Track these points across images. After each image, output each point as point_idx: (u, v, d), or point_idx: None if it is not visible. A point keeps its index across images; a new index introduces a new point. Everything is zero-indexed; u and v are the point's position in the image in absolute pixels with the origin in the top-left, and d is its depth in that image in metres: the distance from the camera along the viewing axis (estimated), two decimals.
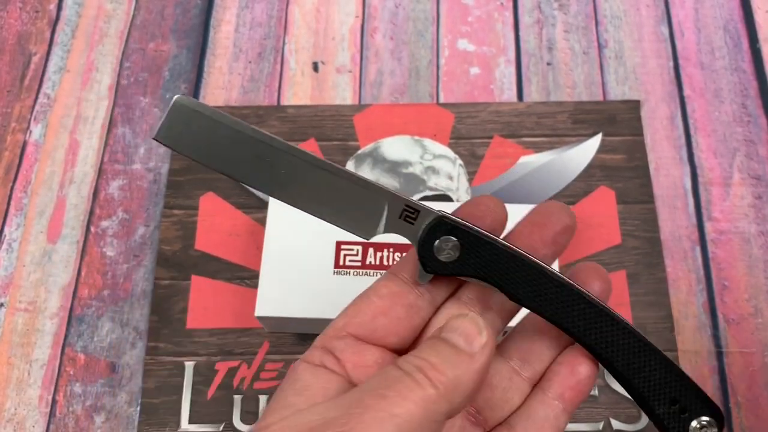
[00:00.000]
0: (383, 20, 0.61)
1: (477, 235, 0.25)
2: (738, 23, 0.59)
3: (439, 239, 0.25)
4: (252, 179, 0.26)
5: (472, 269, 0.25)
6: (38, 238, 0.53)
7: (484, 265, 0.25)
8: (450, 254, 0.25)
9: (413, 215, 0.26)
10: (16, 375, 0.49)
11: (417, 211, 0.26)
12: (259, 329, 0.49)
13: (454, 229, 0.25)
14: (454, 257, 0.25)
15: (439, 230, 0.25)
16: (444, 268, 0.25)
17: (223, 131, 0.25)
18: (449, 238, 0.25)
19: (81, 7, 0.62)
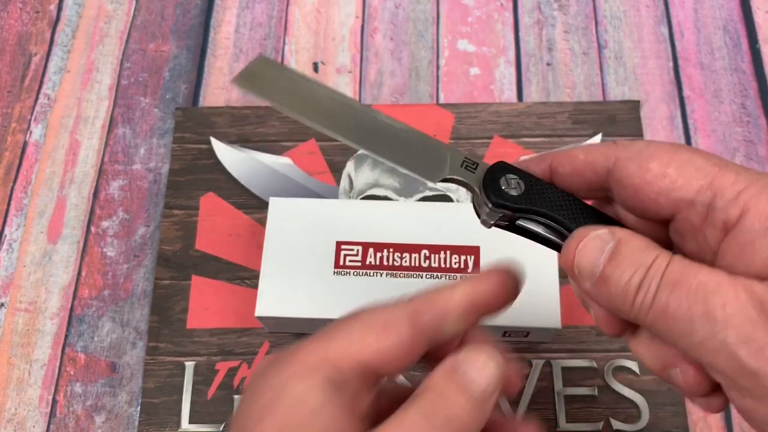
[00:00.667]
0: (383, 21, 0.61)
1: (534, 177, 0.27)
2: (737, 23, 0.59)
3: (504, 177, 0.27)
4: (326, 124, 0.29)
5: (537, 202, 0.26)
6: (38, 239, 0.53)
7: (546, 200, 0.26)
8: (517, 187, 0.26)
9: (473, 166, 0.29)
10: (17, 375, 0.49)
11: (476, 163, 0.29)
12: (259, 329, 0.49)
13: (515, 170, 0.27)
14: (521, 190, 0.26)
15: (503, 170, 0.27)
16: (513, 200, 0.26)
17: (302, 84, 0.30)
18: (512, 176, 0.27)
19: (81, 7, 0.62)
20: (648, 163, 0.22)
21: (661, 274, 0.20)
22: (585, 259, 0.22)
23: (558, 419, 0.46)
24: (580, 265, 0.22)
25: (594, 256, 0.22)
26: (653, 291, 0.20)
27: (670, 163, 0.22)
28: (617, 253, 0.21)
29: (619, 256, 0.21)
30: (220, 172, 0.54)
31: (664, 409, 0.46)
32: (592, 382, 0.47)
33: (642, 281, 0.20)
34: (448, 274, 0.45)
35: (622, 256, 0.21)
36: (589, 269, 0.22)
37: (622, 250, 0.21)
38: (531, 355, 0.48)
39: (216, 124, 0.56)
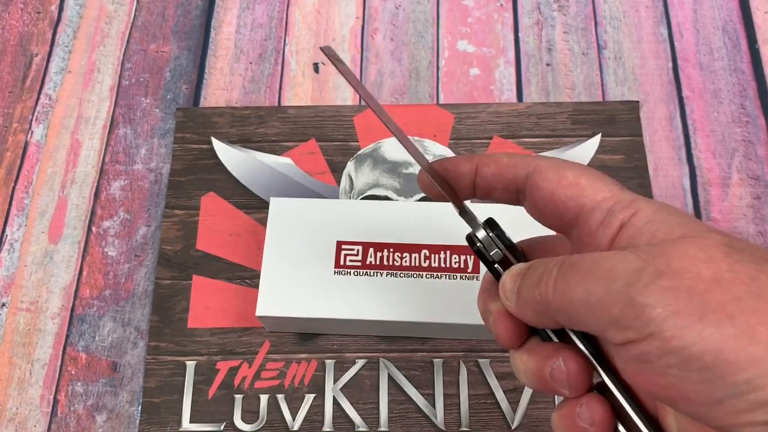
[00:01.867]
0: (383, 21, 0.61)
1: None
2: (737, 24, 0.59)
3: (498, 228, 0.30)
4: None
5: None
6: (40, 239, 0.53)
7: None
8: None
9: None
10: (18, 375, 0.49)
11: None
12: (260, 329, 0.49)
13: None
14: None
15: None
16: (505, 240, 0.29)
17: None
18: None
19: (82, 8, 0.62)
20: (565, 171, 0.27)
21: (560, 265, 0.24)
22: (508, 282, 0.27)
23: None
24: (505, 289, 0.27)
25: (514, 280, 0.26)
26: (554, 276, 0.24)
27: (582, 176, 0.26)
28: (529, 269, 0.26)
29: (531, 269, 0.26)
30: (221, 172, 0.55)
31: None
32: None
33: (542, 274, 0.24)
34: (448, 274, 0.46)
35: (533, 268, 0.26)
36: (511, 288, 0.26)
37: (533, 265, 0.26)
38: None
39: (217, 125, 0.56)
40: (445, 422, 0.47)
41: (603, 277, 0.22)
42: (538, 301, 0.25)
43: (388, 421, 0.47)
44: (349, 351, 0.49)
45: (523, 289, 0.26)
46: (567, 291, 0.23)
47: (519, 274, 0.26)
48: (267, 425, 0.47)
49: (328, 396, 0.47)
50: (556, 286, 0.24)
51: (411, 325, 0.46)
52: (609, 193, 0.25)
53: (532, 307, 0.25)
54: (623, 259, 0.22)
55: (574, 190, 0.26)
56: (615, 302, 0.21)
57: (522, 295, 0.26)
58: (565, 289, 0.23)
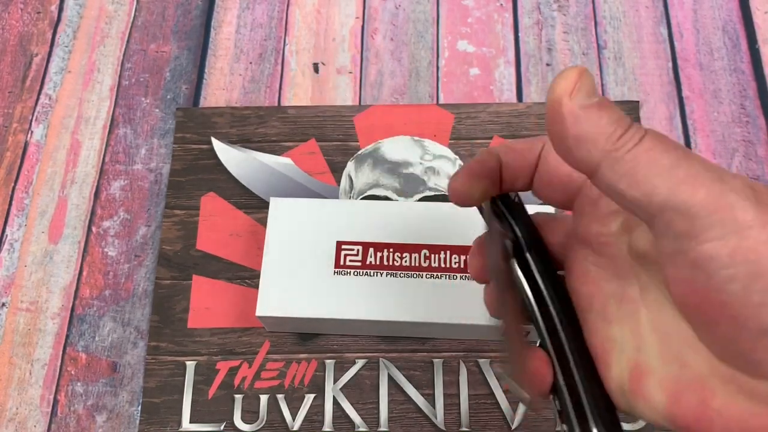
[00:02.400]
0: (383, 21, 0.61)
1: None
2: (737, 24, 0.60)
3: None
4: None
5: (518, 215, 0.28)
6: (40, 239, 0.53)
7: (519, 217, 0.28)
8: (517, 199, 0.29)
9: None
10: (18, 375, 0.49)
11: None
12: (260, 329, 0.49)
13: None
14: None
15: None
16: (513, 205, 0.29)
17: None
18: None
19: (82, 8, 0.62)
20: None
21: (645, 130, 0.21)
22: (591, 82, 0.22)
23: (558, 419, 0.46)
24: (586, 83, 0.22)
25: (594, 86, 0.22)
26: (641, 133, 0.21)
27: None
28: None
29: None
30: (221, 172, 0.55)
31: None
32: None
33: (631, 124, 0.21)
34: (448, 274, 0.46)
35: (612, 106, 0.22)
36: (591, 90, 0.22)
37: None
38: None
39: (217, 125, 0.56)
40: (445, 422, 0.47)
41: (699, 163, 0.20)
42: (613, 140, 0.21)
43: (388, 421, 0.47)
44: (349, 351, 0.49)
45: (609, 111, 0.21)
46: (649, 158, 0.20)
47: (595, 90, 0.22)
48: (267, 425, 0.47)
49: (328, 396, 0.47)
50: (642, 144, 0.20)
51: (411, 325, 0.46)
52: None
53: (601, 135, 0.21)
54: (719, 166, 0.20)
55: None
56: (704, 185, 0.19)
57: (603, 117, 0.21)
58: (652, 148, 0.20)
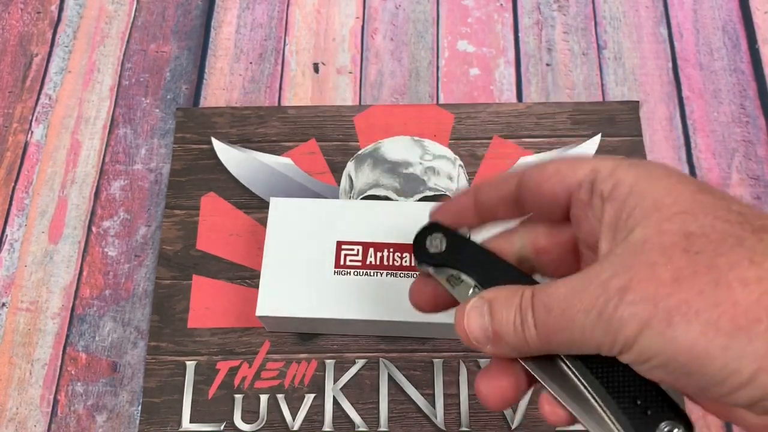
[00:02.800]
0: (383, 21, 0.61)
1: (459, 236, 0.31)
2: (737, 24, 0.60)
3: (430, 235, 0.31)
4: None
5: (453, 260, 0.30)
6: (40, 239, 0.53)
7: (462, 258, 0.30)
8: (438, 246, 0.31)
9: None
10: (18, 375, 0.49)
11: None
12: (260, 329, 0.49)
13: (444, 230, 0.31)
14: (442, 249, 0.31)
15: (431, 229, 0.31)
16: (431, 258, 0.31)
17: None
18: (438, 234, 0.31)
19: (82, 8, 0.62)
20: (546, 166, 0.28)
21: (530, 304, 0.25)
22: (475, 330, 0.26)
23: None
24: (475, 336, 0.26)
25: (479, 323, 0.26)
26: (532, 320, 0.24)
27: (563, 163, 0.27)
28: (493, 311, 0.26)
29: (495, 312, 0.26)
30: (221, 172, 0.55)
31: None
32: None
33: (522, 319, 0.25)
34: None
35: (497, 310, 0.26)
36: (483, 335, 0.26)
37: (495, 305, 0.26)
38: None
39: (217, 125, 0.56)
40: (445, 422, 0.47)
41: (579, 312, 0.23)
42: (527, 348, 0.25)
43: (388, 421, 0.47)
44: (349, 351, 0.49)
45: (504, 336, 0.26)
46: (551, 336, 0.24)
47: (481, 316, 0.26)
48: (267, 425, 0.47)
49: (328, 396, 0.47)
50: (539, 332, 0.24)
51: (411, 325, 0.46)
52: (589, 167, 0.26)
53: (522, 351, 0.26)
54: (589, 286, 0.23)
55: (556, 177, 0.27)
56: (595, 329, 0.22)
57: (507, 343, 0.26)
58: (548, 335, 0.24)
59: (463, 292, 0.30)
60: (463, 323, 0.27)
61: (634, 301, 0.21)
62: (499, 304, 0.26)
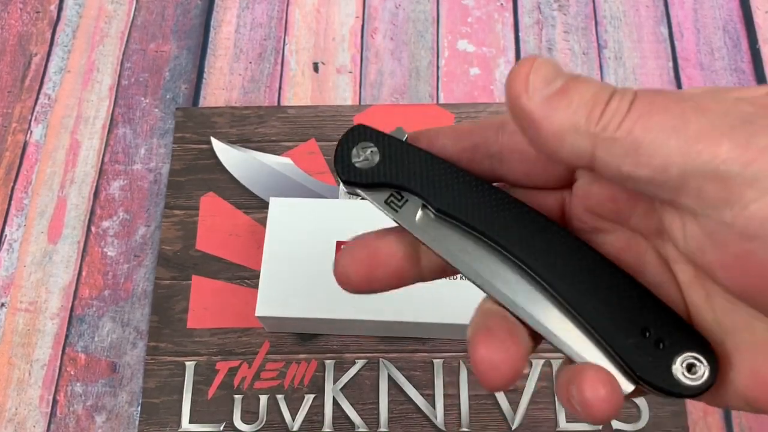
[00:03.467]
0: (383, 21, 0.61)
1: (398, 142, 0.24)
2: (737, 24, 0.59)
3: (357, 146, 0.24)
4: None
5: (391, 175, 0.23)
6: (39, 239, 0.53)
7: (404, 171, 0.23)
8: (369, 159, 0.23)
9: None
10: (17, 375, 0.49)
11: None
12: (259, 329, 0.49)
13: (374, 136, 0.24)
14: (374, 163, 0.23)
15: (357, 137, 0.24)
16: (361, 175, 0.23)
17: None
18: (368, 144, 0.24)
19: (82, 7, 0.62)
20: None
21: (634, 91, 0.17)
22: (543, 69, 0.18)
23: (558, 419, 0.46)
24: (538, 74, 0.18)
25: (554, 68, 0.18)
26: (630, 97, 0.17)
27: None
28: (577, 80, 0.18)
29: (581, 80, 0.18)
30: (221, 172, 0.55)
31: (663, 408, 0.46)
32: None
33: (614, 92, 0.17)
34: None
35: (584, 79, 0.18)
36: (548, 78, 0.18)
37: (582, 78, 0.18)
38: (531, 355, 0.48)
39: (216, 124, 0.56)
40: (445, 423, 0.46)
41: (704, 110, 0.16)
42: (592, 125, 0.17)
43: (388, 421, 0.47)
44: (348, 351, 0.49)
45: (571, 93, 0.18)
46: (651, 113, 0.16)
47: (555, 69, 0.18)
48: (267, 426, 0.47)
49: (327, 396, 0.47)
50: (636, 104, 0.17)
51: (411, 326, 0.46)
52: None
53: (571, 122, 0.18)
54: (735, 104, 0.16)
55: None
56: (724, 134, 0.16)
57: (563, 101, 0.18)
58: (648, 111, 0.17)
59: (408, 215, 0.22)
60: (531, 59, 0.18)
61: None
62: (587, 80, 0.18)
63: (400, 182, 0.23)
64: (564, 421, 0.46)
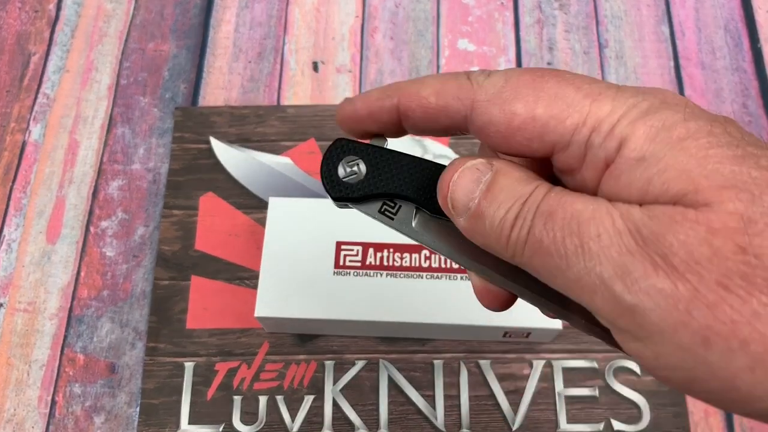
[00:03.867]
0: (383, 20, 0.61)
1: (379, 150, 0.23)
2: (738, 23, 0.59)
3: (342, 161, 0.24)
4: None
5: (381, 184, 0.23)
6: (37, 239, 0.53)
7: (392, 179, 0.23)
8: (357, 173, 0.23)
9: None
10: (16, 376, 0.49)
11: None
12: (258, 329, 0.49)
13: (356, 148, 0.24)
14: (362, 176, 0.23)
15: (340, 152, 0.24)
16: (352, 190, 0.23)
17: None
18: (351, 157, 0.24)
19: (80, 6, 0.62)
20: (512, 105, 0.20)
21: (537, 206, 0.19)
22: (460, 191, 0.20)
23: (559, 420, 0.46)
24: (455, 198, 0.20)
25: (469, 188, 0.20)
26: (528, 224, 0.18)
27: (538, 102, 0.19)
28: (494, 185, 0.20)
29: (496, 188, 0.20)
30: (220, 171, 0.54)
31: (665, 409, 0.46)
32: (593, 382, 0.47)
33: (518, 215, 0.19)
34: (448, 274, 0.45)
35: (499, 189, 0.20)
36: (464, 202, 0.20)
37: (499, 181, 0.20)
38: (531, 356, 0.48)
39: (215, 124, 0.56)
40: (446, 424, 0.46)
41: (585, 252, 0.17)
42: (504, 249, 0.19)
43: (388, 422, 0.46)
44: (348, 352, 0.48)
45: (486, 219, 0.19)
46: (542, 251, 0.18)
47: (477, 182, 0.20)
48: (266, 426, 0.47)
49: (327, 397, 0.47)
50: (530, 238, 0.18)
51: (411, 326, 0.46)
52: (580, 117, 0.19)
53: (496, 249, 0.20)
54: (613, 228, 0.17)
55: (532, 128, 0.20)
56: (599, 294, 0.17)
57: (484, 228, 0.20)
58: (539, 248, 0.18)
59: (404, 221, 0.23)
60: (449, 176, 0.21)
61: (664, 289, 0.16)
62: (504, 181, 0.20)
63: (392, 191, 0.23)
64: (565, 422, 0.46)
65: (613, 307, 0.17)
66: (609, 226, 0.17)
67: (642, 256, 0.16)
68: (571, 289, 0.18)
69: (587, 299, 0.17)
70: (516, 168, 0.20)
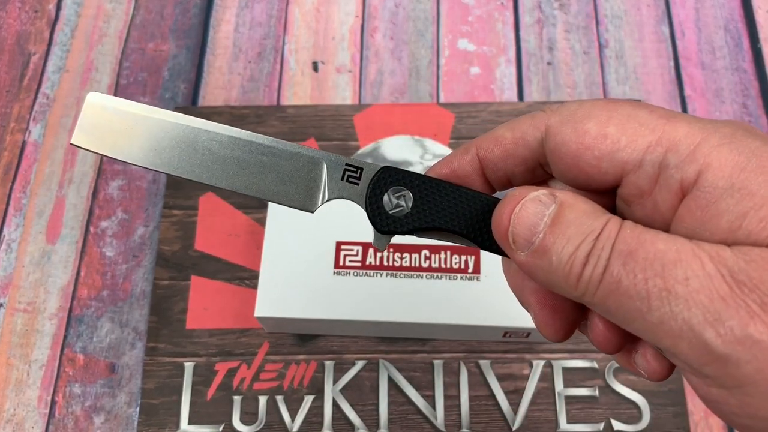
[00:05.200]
0: (383, 20, 0.61)
1: (427, 180, 0.22)
2: (738, 23, 0.59)
3: (388, 192, 0.22)
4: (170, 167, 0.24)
5: (429, 217, 0.22)
6: (37, 239, 0.53)
7: (441, 211, 0.22)
8: (404, 206, 0.22)
9: (356, 173, 0.23)
10: (15, 376, 0.49)
11: (360, 168, 0.23)
12: (258, 330, 0.49)
13: (403, 178, 0.22)
14: (409, 208, 0.22)
15: (387, 182, 0.23)
16: (400, 224, 0.22)
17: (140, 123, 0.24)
18: (399, 188, 0.22)
19: (80, 6, 0.62)
20: (584, 124, 0.19)
21: (612, 243, 0.17)
22: (522, 225, 0.19)
23: (559, 420, 0.46)
24: (516, 232, 0.19)
25: (532, 221, 0.19)
26: (603, 263, 0.17)
27: (610, 121, 0.19)
28: (560, 219, 0.19)
29: (563, 222, 0.18)
30: None
31: (665, 409, 0.46)
32: (593, 382, 0.47)
33: (590, 252, 0.18)
34: (448, 274, 0.45)
35: (566, 222, 0.18)
36: (526, 237, 0.19)
37: (566, 214, 0.19)
38: (531, 356, 0.48)
39: None
40: (446, 424, 0.46)
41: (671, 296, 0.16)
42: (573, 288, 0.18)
43: (388, 422, 0.46)
44: (348, 352, 0.48)
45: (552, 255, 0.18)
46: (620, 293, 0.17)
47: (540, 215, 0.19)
48: (266, 426, 0.47)
49: (327, 397, 0.47)
50: (606, 278, 0.17)
51: (411, 326, 0.46)
52: (653, 136, 0.18)
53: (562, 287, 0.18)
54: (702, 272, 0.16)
55: (603, 145, 0.19)
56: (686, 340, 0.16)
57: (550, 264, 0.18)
58: (616, 289, 0.17)
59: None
60: (510, 209, 0.19)
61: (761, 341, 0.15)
62: (571, 214, 0.18)
63: (441, 225, 0.22)
64: (564, 422, 0.46)
65: (701, 354, 0.16)
66: (698, 269, 0.16)
67: (737, 303, 0.16)
68: (652, 332, 0.17)
69: (669, 343, 0.17)
70: (581, 199, 0.19)
